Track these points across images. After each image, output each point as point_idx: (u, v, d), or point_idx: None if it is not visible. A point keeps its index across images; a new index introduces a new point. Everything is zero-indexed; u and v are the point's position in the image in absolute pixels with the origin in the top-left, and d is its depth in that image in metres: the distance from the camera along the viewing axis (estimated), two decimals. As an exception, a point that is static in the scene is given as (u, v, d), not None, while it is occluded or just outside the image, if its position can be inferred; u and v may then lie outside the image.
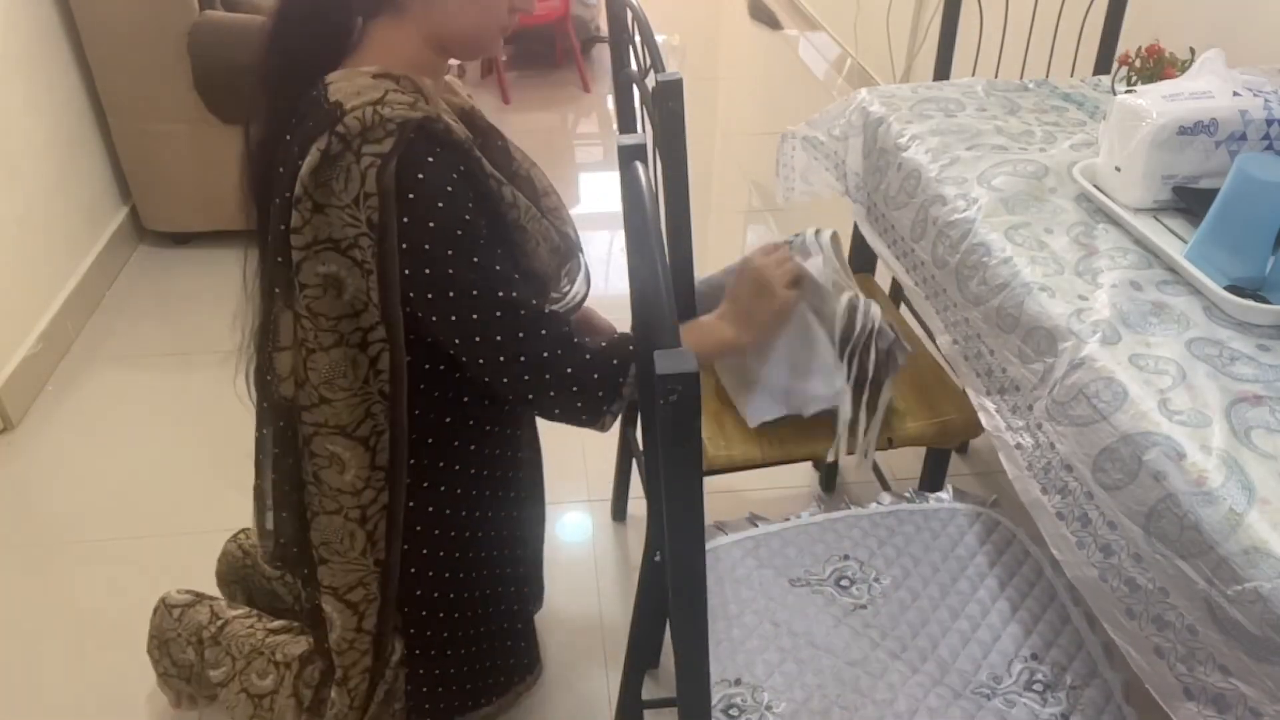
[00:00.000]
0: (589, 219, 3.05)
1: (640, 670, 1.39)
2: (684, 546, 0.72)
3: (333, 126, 0.93)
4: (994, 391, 1.12)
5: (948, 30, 1.85)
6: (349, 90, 0.95)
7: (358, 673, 1.21)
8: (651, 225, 0.77)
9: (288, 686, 1.28)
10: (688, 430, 0.64)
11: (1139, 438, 0.86)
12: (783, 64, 4.36)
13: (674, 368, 0.61)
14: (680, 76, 1.05)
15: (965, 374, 1.17)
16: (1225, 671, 0.78)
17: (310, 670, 1.27)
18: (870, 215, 1.50)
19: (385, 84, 0.96)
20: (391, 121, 0.93)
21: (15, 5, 2.18)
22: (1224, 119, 1.14)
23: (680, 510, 0.69)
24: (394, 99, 0.95)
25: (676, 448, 0.65)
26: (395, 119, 0.93)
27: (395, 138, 0.93)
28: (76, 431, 2.07)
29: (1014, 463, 1.04)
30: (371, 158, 0.93)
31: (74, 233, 2.40)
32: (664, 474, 0.67)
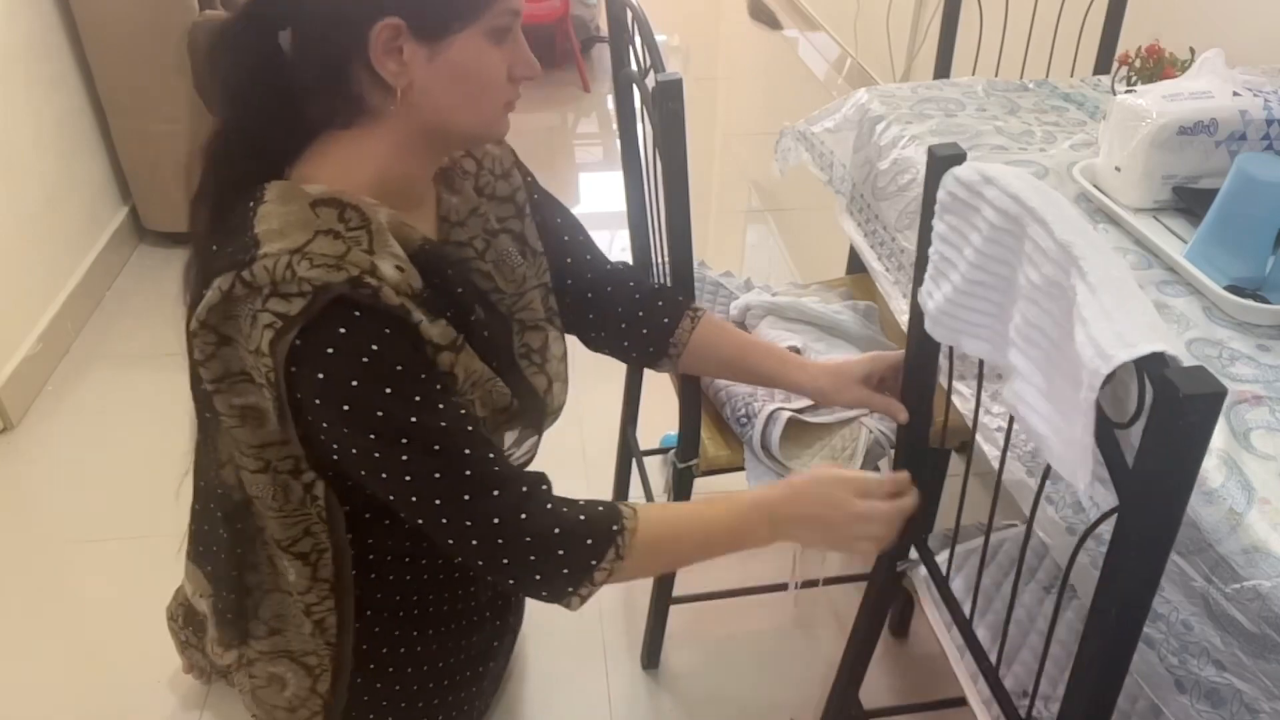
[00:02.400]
0: (589, 219, 3.04)
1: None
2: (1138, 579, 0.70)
3: (239, 268, 0.80)
4: (970, 376, 1.12)
5: (948, 30, 1.85)
6: (276, 222, 0.81)
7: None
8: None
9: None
10: (1199, 451, 0.62)
11: (1139, 437, 0.86)
12: (783, 64, 4.36)
13: (1200, 388, 0.59)
14: (680, 77, 1.04)
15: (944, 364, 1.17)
16: (1220, 667, 0.79)
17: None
18: (852, 206, 1.51)
19: (321, 221, 0.81)
20: (306, 281, 0.79)
21: (15, 5, 2.18)
22: (1224, 119, 1.14)
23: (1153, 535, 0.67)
24: (319, 249, 0.80)
25: (1180, 465, 0.63)
26: (311, 280, 0.79)
27: (306, 301, 0.79)
28: (76, 431, 2.07)
29: (995, 445, 1.04)
30: (272, 317, 0.79)
31: (74, 233, 2.40)
32: (1153, 489, 0.65)
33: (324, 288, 0.79)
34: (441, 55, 0.84)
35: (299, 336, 0.81)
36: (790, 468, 1.28)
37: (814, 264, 2.73)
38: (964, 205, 0.85)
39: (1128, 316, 0.64)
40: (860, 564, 1.41)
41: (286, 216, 0.82)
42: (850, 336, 1.46)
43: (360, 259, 0.82)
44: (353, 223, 0.84)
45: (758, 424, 1.28)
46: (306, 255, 0.80)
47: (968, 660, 1.06)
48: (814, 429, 1.31)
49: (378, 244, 0.84)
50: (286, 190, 0.84)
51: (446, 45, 0.84)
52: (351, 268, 0.81)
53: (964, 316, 0.87)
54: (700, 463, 1.34)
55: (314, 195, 0.84)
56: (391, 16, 0.81)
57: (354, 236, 0.83)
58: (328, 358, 0.81)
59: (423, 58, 0.84)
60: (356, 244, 0.83)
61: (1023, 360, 0.78)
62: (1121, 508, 0.69)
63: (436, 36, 0.83)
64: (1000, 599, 1.12)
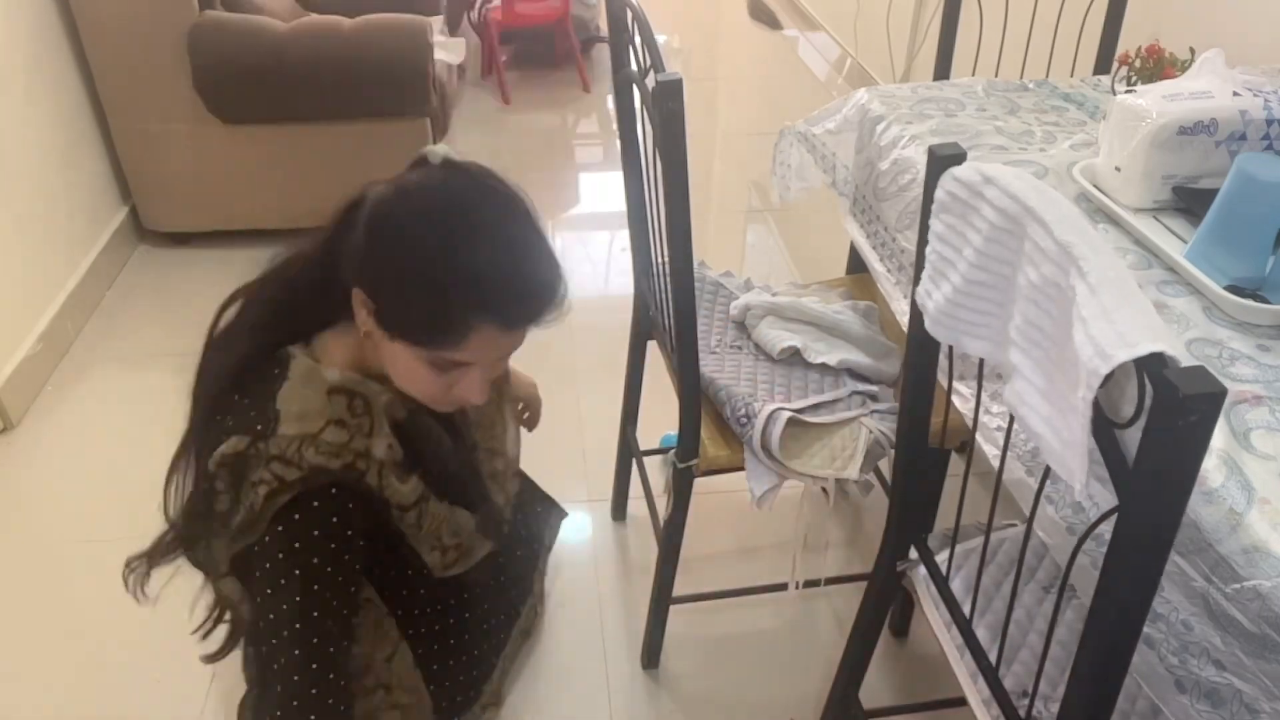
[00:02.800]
0: (589, 219, 3.05)
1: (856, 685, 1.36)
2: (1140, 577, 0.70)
3: (258, 438, 0.98)
4: (970, 377, 1.12)
5: (948, 30, 1.85)
6: (296, 405, 0.99)
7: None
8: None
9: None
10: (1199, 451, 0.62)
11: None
12: (783, 64, 4.36)
13: (1200, 388, 0.59)
14: (680, 77, 1.04)
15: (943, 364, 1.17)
16: (1220, 667, 0.79)
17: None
18: (855, 207, 1.51)
19: (333, 410, 1.00)
20: (307, 464, 0.98)
21: (15, 5, 2.18)
22: (1224, 119, 1.14)
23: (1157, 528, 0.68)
24: (327, 438, 0.99)
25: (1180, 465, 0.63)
26: (312, 464, 0.98)
27: (302, 476, 0.98)
28: (76, 431, 2.07)
29: (995, 445, 1.04)
30: (272, 478, 0.97)
31: (74, 233, 2.40)
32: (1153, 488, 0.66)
33: (318, 471, 0.98)
34: (393, 344, 1.00)
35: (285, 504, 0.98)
36: (791, 468, 1.28)
37: (814, 264, 2.73)
38: (964, 205, 0.85)
39: (1127, 316, 0.64)
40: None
41: (306, 401, 1.00)
42: (850, 336, 1.46)
43: (359, 445, 1.01)
44: (358, 410, 1.02)
45: (758, 424, 1.28)
46: (315, 443, 0.98)
47: (967, 660, 1.06)
48: (814, 429, 1.31)
49: (376, 428, 1.02)
50: (309, 373, 1.01)
51: (395, 341, 1.00)
52: (348, 454, 1.00)
53: (964, 316, 0.87)
54: (700, 463, 1.34)
55: (330, 383, 1.01)
56: (370, 298, 0.99)
57: (358, 424, 1.01)
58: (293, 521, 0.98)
59: (379, 332, 1.00)
60: (359, 430, 1.01)
61: (1023, 360, 0.78)
62: (1121, 508, 0.69)
63: (390, 332, 1.00)
64: (1000, 599, 1.12)
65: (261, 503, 0.98)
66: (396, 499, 1.06)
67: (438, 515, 1.12)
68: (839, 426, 1.32)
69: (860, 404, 1.35)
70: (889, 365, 1.44)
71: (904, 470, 1.14)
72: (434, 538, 1.13)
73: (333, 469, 0.99)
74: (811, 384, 1.38)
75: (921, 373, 1.05)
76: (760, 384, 1.38)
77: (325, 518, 0.99)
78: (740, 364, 1.43)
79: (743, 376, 1.39)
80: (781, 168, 1.71)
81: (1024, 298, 0.77)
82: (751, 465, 1.30)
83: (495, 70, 3.90)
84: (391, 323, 0.99)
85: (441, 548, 1.14)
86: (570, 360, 2.30)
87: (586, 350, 2.34)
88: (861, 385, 1.38)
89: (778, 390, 1.36)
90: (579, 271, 2.75)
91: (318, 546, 0.99)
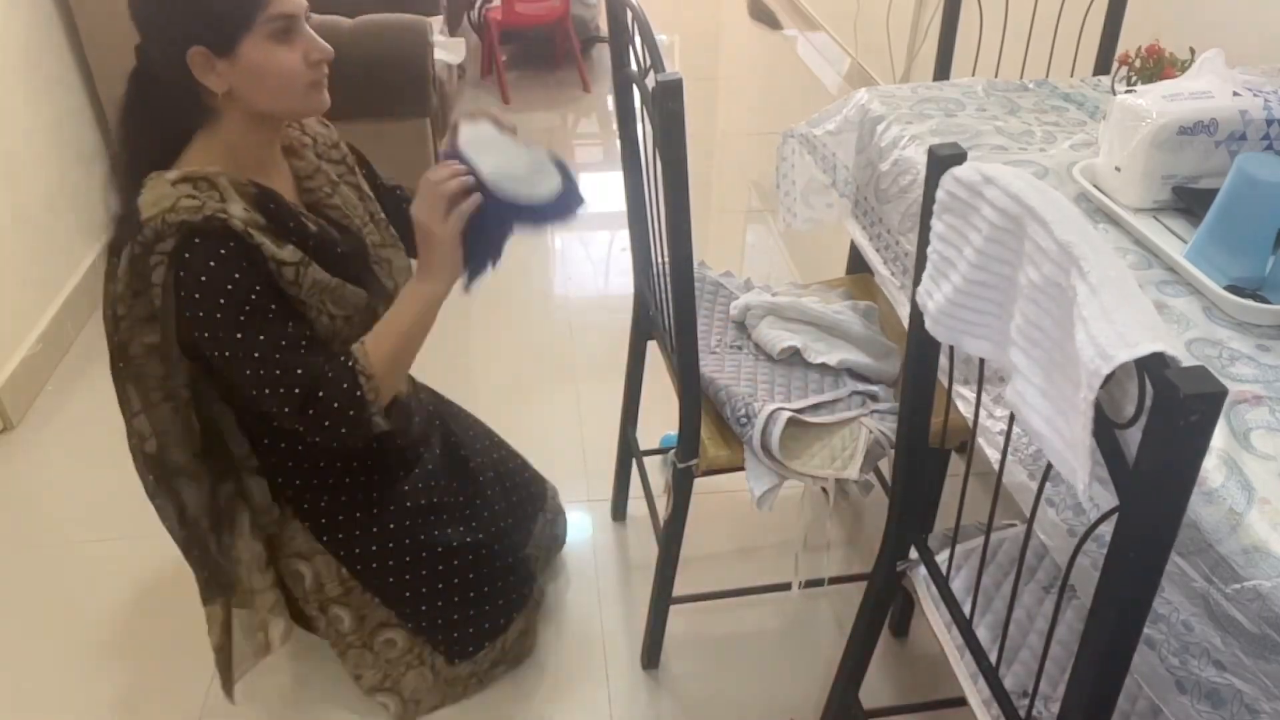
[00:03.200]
0: (589, 219, 3.05)
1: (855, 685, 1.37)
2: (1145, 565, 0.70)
3: (134, 235, 1.11)
4: (972, 380, 1.12)
5: (948, 30, 1.85)
6: (150, 201, 1.12)
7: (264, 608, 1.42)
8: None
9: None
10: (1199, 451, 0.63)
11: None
12: (783, 64, 4.36)
13: (1200, 388, 0.59)
14: (680, 77, 1.04)
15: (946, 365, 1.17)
16: (1220, 667, 0.79)
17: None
18: (857, 209, 1.51)
19: (180, 189, 1.12)
20: (172, 225, 1.10)
21: (15, 5, 2.18)
22: (1224, 119, 1.14)
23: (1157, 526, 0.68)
24: (183, 205, 1.11)
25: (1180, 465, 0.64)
26: (175, 222, 1.10)
27: (176, 238, 1.10)
28: (76, 431, 2.07)
29: (996, 447, 1.04)
30: (160, 256, 1.11)
31: (74, 233, 2.40)
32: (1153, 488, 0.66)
33: (184, 224, 1.10)
34: (240, 61, 1.13)
35: (174, 268, 1.11)
36: (791, 468, 1.28)
37: (814, 264, 2.73)
38: (964, 205, 0.85)
39: (1128, 316, 0.64)
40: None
41: (157, 194, 1.12)
42: (850, 336, 1.46)
43: (214, 205, 1.12)
44: (203, 188, 1.13)
45: (758, 424, 1.28)
46: (174, 209, 1.11)
47: (968, 660, 1.06)
48: (814, 429, 1.31)
49: (226, 197, 1.14)
50: (153, 181, 1.14)
51: (239, 54, 1.12)
52: (207, 210, 1.11)
53: (965, 316, 0.87)
54: (700, 463, 1.34)
55: (171, 178, 1.13)
56: (195, 45, 1.11)
57: (207, 195, 1.13)
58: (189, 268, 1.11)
59: (227, 66, 1.13)
60: (211, 199, 1.13)
61: (1024, 360, 0.78)
62: (1122, 508, 0.69)
63: (229, 49, 1.12)
64: (1000, 599, 1.12)
65: (162, 282, 1.12)
66: (270, 253, 1.15)
67: (320, 280, 1.21)
68: (839, 426, 1.32)
69: (860, 404, 1.35)
70: (889, 365, 1.44)
71: (904, 470, 1.14)
72: (319, 303, 1.22)
73: (195, 221, 1.10)
74: (811, 384, 1.38)
75: (922, 373, 1.05)
76: (760, 384, 1.38)
77: (206, 259, 1.11)
78: (740, 364, 1.43)
79: (743, 376, 1.39)
80: (785, 181, 1.70)
81: (1025, 298, 0.77)
82: (752, 465, 1.30)
83: (495, 70, 3.90)
84: (218, 36, 1.11)
85: (328, 314, 1.24)
86: (570, 360, 2.30)
87: (586, 350, 2.34)
88: (861, 385, 1.38)
89: (778, 390, 1.36)
90: (579, 271, 2.75)
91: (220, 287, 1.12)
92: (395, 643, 1.46)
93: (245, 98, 1.16)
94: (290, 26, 1.15)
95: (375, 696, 1.49)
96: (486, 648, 1.51)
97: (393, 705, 1.48)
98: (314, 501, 1.38)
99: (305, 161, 1.32)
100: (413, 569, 1.43)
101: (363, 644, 1.45)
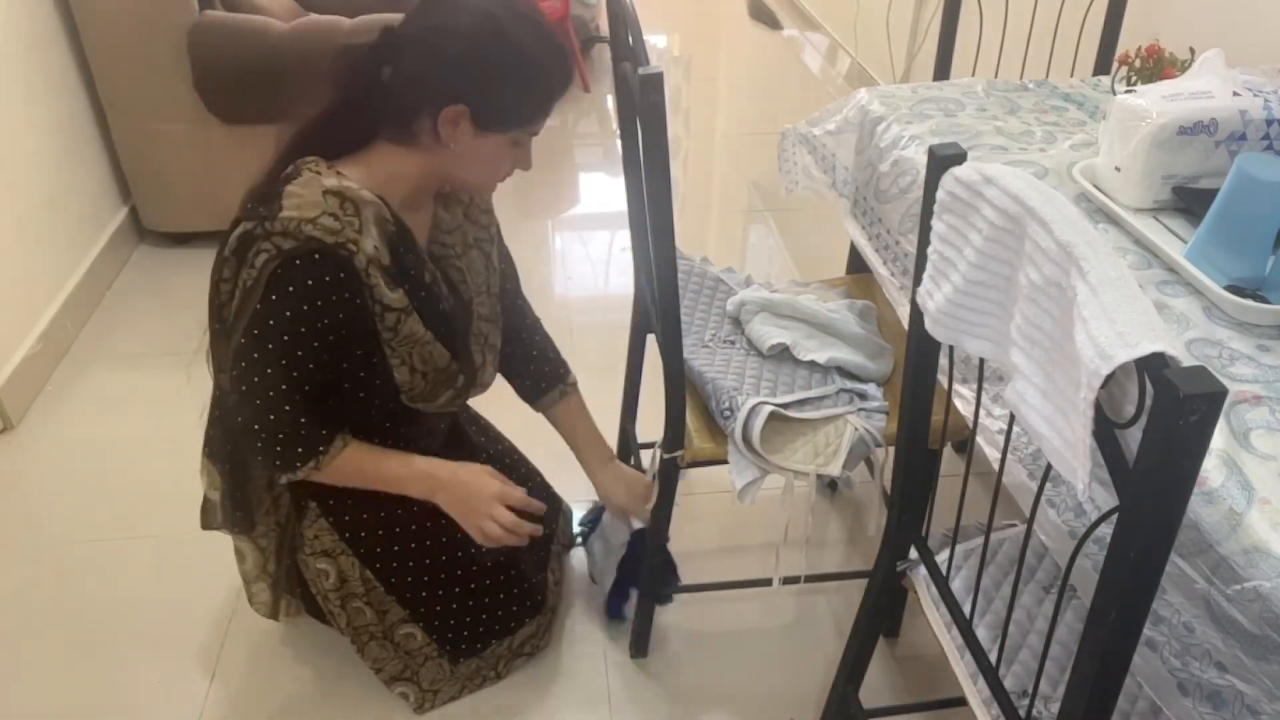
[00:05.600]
0: (589, 219, 3.05)
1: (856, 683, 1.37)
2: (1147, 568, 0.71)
3: (262, 220, 1.13)
4: (971, 380, 1.12)
5: (948, 30, 1.85)
6: (297, 199, 1.13)
7: (259, 601, 1.53)
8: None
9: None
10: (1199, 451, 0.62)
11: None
12: (783, 64, 4.36)
13: (1200, 388, 0.59)
14: (661, 70, 1.07)
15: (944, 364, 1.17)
16: (1221, 669, 0.79)
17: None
18: (856, 209, 1.51)
19: (329, 204, 1.13)
20: (303, 235, 1.12)
21: (15, 5, 2.18)
22: (1224, 119, 1.14)
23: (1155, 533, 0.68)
24: (324, 223, 1.13)
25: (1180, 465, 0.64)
26: (308, 235, 1.12)
27: (297, 244, 1.12)
28: (76, 431, 2.07)
29: (996, 447, 1.04)
30: (274, 248, 1.13)
31: (74, 233, 2.40)
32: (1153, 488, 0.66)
33: (312, 239, 1.12)
34: (481, 140, 1.19)
35: (283, 268, 1.12)
36: (773, 462, 1.28)
37: (814, 264, 2.73)
38: (964, 205, 0.85)
39: (1128, 316, 0.64)
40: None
41: (304, 195, 1.14)
42: (844, 335, 1.46)
43: (350, 235, 1.14)
44: (349, 211, 1.15)
45: (740, 417, 1.28)
46: (315, 223, 1.12)
47: (968, 660, 1.06)
48: (798, 425, 1.31)
49: (365, 229, 1.16)
50: (308, 177, 1.15)
51: (487, 136, 1.19)
52: (342, 237, 1.14)
53: (965, 316, 0.87)
54: (686, 454, 1.34)
55: (326, 186, 1.14)
56: (466, 105, 1.16)
57: (349, 220, 1.15)
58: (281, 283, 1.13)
59: (469, 135, 1.18)
60: (350, 226, 1.15)
61: (1024, 360, 0.78)
62: (1122, 508, 0.69)
63: (485, 130, 1.19)
64: (1000, 599, 1.12)
65: (259, 270, 1.13)
66: (379, 295, 1.18)
67: (415, 333, 1.24)
68: (824, 423, 1.32)
69: (848, 401, 1.35)
70: (881, 365, 1.44)
71: (904, 470, 1.14)
72: (406, 353, 1.25)
73: (326, 241, 1.12)
74: (799, 380, 1.39)
75: (922, 373, 1.05)
76: (748, 378, 1.38)
77: (309, 276, 1.13)
78: (730, 359, 1.43)
79: (731, 371, 1.40)
80: (788, 164, 1.71)
81: (1025, 298, 0.77)
82: (734, 458, 1.30)
83: (495, 70, 3.89)
84: (490, 118, 1.17)
85: (410, 366, 1.27)
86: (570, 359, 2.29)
87: (586, 348, 2.33)
88: (850, 383, 1.38)
89: (764, 385, 1.37)
90: (579, 271, 2.75)
91: (298, 305, 1.14)
92: (415, 636, 1.47)
93: (455, 158, 1.20)
94: (528, 142, 1.25)
95: (394, 687, 1.50)
96: (493, 645, 1.53)
97: (412, 695, 1.50)
98: (339, 499, 1.39)
99: (451, 215, 1.35)
100: (431, 572, 1.44)
101: (384, 635, 1.46)
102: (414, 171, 1.22)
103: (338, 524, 1.40)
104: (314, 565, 1.41)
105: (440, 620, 1.47)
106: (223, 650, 1.60)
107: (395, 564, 1.42)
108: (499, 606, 1.51)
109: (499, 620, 1.52)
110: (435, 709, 1.51)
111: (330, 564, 1.41)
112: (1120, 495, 0.69)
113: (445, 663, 1.50)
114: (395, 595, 1.43)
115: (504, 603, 1.52)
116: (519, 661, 1.57)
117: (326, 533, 1.40)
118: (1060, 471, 0.72)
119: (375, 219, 1.17)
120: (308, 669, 1.58)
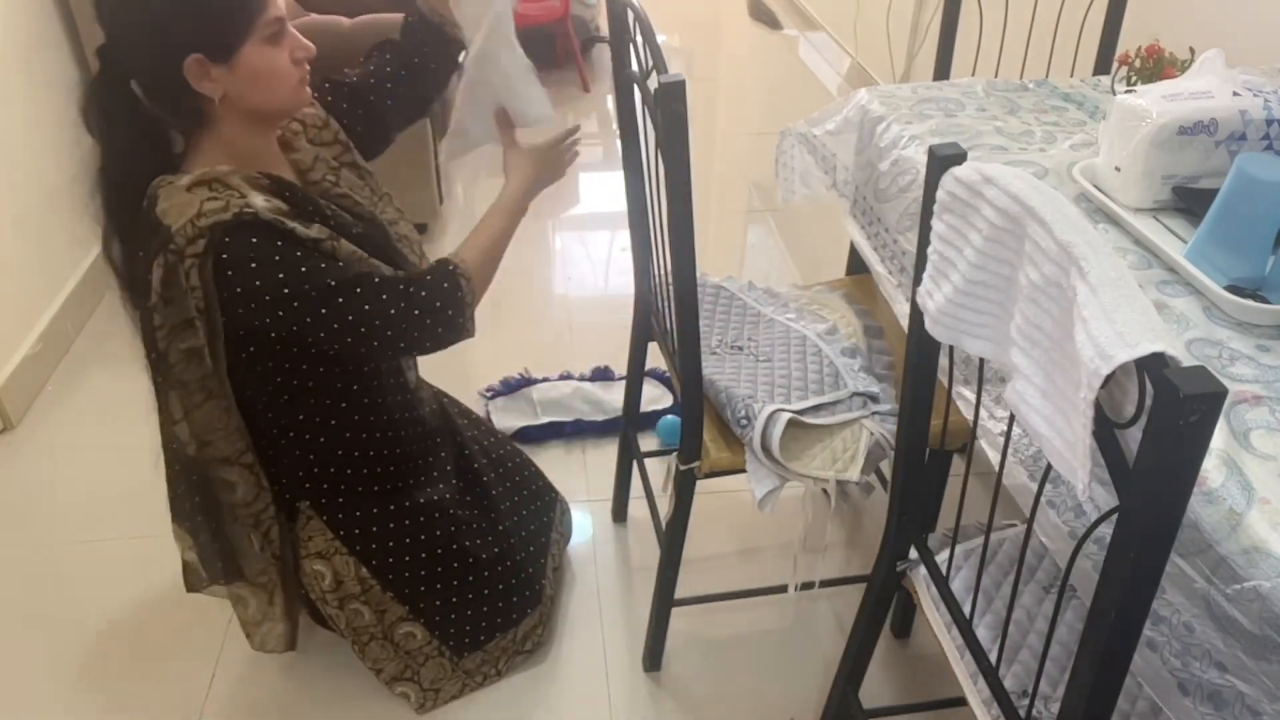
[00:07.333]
0: (589, 219, 3.05)
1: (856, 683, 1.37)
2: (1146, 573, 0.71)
3: (166, 247, 1.12)
4: (972, 380, 1.12)
5: (948, 30, 1.85)
6: (173, 210, 1.13)
7: (273, 638, 1.49)
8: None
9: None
10: (1199, 451, 0.63)
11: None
12: (783, 64, 4.36)
13: (1200, 388, 0.59)
14: (683, 78, 1.04)
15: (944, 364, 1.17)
16: (1222, 669, 0.79)
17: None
18: (855, 209, 1.51)
19: (199, 194, 1.14)
20: (203, 226, 1.12)
21: (15, 5, 2.18)
22: (1224, 119, 1.14)
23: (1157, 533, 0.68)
24: (208, 208, 1.12)
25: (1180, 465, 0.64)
26: (207, 225, 1.12)
27: (206, 239, 1.12)
28: (76, 431, 2.07)
29: (996, 448, 1.04)
30: (192, 260, 1.12)
31: (74, 233, 2.39)
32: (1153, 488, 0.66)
33: (215, 225, 1.12)
34: (237, 66, 1.16)
35: (215, 266, 1.12)
36: (791, 469, 1.28)
37: (814, 265, 2.73)
38: (964, 205, 0.85)
39: (1128, 316, 0.64)
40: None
41: (177, 202, 1.13)
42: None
43: (239, 202, 1.14)
44: (219, 189, 1.15)
45: (758, 425, 1.28)
46: (201, 214, 1.12)
47: (968, 660, 1.06)
48: (814, 431, 1.31)
49: (245, 192, 1.16)
50: (166, 189, 1.15)
51: (237, 58, 1.16)
52: (233, 207, 1.13)
53: (965, 316, 0.87)
54: (703, 465, 1.34)
55: (184, 184, 1.14)
56: (192, 54, 1.13)
57: (229, 194, 1.14)
58: (239, 273, 1.13)
59: (224, 72, 1.16)
60: (233, 196, 1.14)
61: (1024, 360, 0.78)
62: (1122, 508, 0.69)
63: (228, 55, 1.15)
64: (1000, 599, 1.12)
65: (205, 283, 1.13)
66: (304, 235, 1.18)
67: (354, 252, 1.23)
68: (840, 428, 1.32)
69: (861, 405, 1.35)
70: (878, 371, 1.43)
71: (904, 471, 1.14)
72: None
73: (226, 219, 1.12)
74: (812, 385, 1.38)
75: (922, 373, 1.05)
76: (760, 385, 1.38)
77: (244, 246, 1.13)
78: (740, 365, 1.43)
79: (743, 378, 1.39)
80: (785, 170, 1.71)
81: (1025, 298, 0.77)
82: (753, 467, 1.30)
83: (495, 70, 3.89)
84: (216, 42, 1.14)
85: None
86: (570, 359, 2.29)
87: (586, 349, 2.33)
88: (862, 387, 1.38)
89: (778, 391, 1.36)
90: (579, 271, 2.75)
91: (267, 262, 1.14)
92: (415, 635, 1.47)
93: (239, 100, 1.18)
94: (281, 29, 1.19)
95: (395, 687, 1.50)
96: (497, 637, 1.53)
97: (413, 695, 1.50)
98: (332, 498, 1.39)
99: (301, 153, 1.33)
100: (428, 567, 1.45)
101: (384, 635, 1.46)
102: (231, 135, 1.21)
103: (332, 522, 1.40)
104: (309, 568, 1.41)
105: (440, 615, 1.47)
106: (223, 650, 1.60)
107: (391, 559, 1.43)
108: (499, 598, 1.52)
109: (500, 613, 1.53)
110: (436, 708, 1.51)
111: (325, 565, 1.41)
112: (1120, 495, 0.69)
113: (447, 659, 1.50)
114: (393, 592, 1.43)
115: (503, 594, 1.52)
116: (519, 659, 1.57)
117: (320, 533, 1.40)
118: (1060, 471, 0.72)
119: (248, 181, 1.17)
120: (308, 669, 1.58)
